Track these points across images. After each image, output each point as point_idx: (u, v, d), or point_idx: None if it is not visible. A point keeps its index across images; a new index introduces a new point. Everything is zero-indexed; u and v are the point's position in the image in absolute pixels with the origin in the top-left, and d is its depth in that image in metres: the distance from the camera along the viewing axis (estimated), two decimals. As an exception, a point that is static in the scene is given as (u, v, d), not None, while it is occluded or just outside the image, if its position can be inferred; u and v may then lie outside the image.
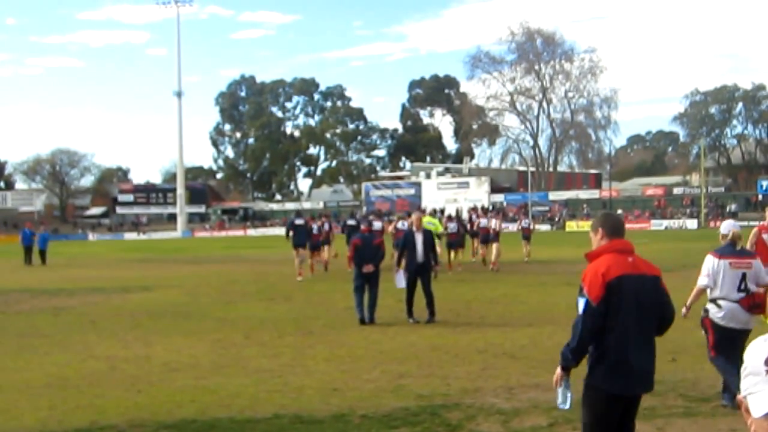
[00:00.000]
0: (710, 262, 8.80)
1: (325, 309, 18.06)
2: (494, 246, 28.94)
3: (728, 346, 8.48)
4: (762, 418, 1.94)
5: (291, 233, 26.67)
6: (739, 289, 8.68)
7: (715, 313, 8.76)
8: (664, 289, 5.55)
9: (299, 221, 27.46)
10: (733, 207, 77.65)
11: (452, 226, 29.99)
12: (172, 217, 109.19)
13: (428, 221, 26.54)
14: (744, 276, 8.70)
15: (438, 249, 16.84)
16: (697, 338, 12.44)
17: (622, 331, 5.32)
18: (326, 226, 29.98)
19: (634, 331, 5.34)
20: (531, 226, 35.51)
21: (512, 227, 57.77)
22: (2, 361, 12.13)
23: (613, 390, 5.38)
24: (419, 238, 16.12)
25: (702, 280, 8.84)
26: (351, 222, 30.15)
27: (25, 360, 12.10)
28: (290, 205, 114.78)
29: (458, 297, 19.82)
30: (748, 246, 13.34)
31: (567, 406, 5.66)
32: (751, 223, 21.11)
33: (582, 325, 5.41)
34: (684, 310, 8.95)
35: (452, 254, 28.88)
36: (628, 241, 5.63)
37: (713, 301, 8.75)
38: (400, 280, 15.87)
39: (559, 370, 5.66)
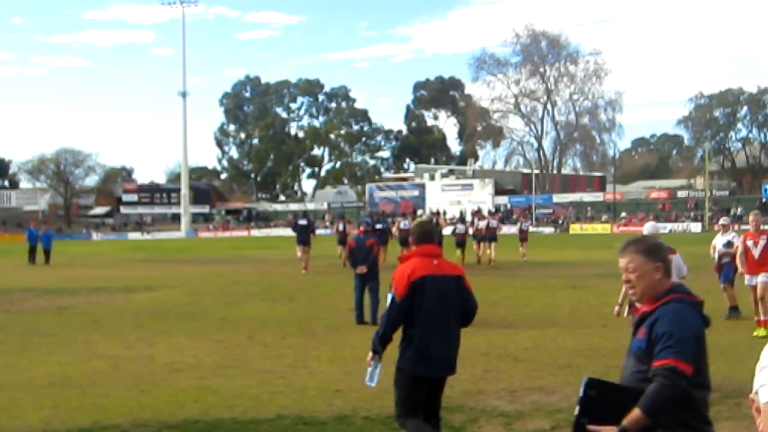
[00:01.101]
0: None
1: (328, 310, 18.06)
2: (492, 245, 32.03)
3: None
4: None
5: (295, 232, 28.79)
6: None
7: (637, 303, 9.39)
8: (467, 286, 6.52)
9: (302, 221, 30.24)
10: (739, 210, 77.53)
11: (460, 228, 33.64)
12: (176, 217, 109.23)
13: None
14: None
15: None
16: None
17: (426, 323, 6.25)
18: (341, 227, 33.16)
19: (437, 323, 6.29)
20: (527, 228, 38.85)
21: (513, 229, 57.86)
22: (5, 360, 12.14)
23: (417, 372, 6.35)
24: None
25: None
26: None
27: (28, 359, 12.11)
28: (294, 206, 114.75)
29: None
30: (738, 256, 13.35)
31: (373, 384, 6.56)
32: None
33: (388, 317, 6.35)
34: (616, 308, 10.13)
35: (459, 253, 31.30)
36: (436, 246, 6.59)
37: None
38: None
39: (370, 353, 6.46)
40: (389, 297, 6.38)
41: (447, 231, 41.73)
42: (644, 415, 3.74)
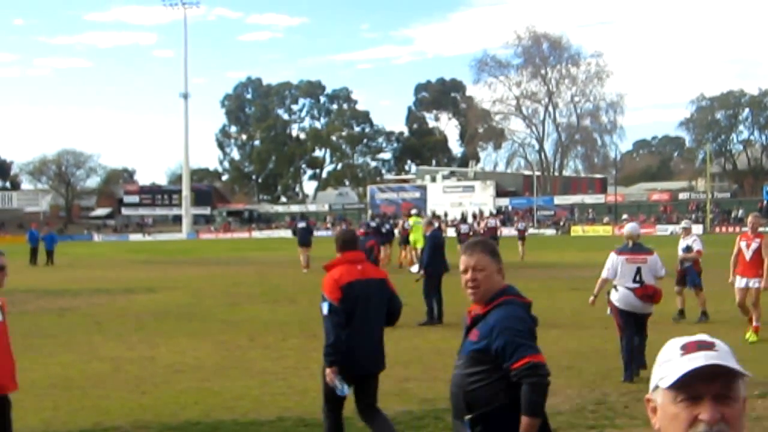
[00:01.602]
0: (611, 258, 10.73)
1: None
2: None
3: (629, 326, 10.45)
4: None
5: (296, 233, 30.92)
6: (634, 280, 10.48)
7: (613, 297, 10.67)
8: (390, 288, 6.92)
9: (302, 224, 32.70)
10: (739, 213, 77.52)
11: (465, 228, 35.91)
12: (178, 219, 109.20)
13: (414, 221, 30.33)
14: (639, 270, 10.52)
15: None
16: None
17: (353, 325, 6.57)
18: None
19: (364, 324, 6.64)
20: (524, 228, 42.13)
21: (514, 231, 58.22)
22: (7, 361, 12.14)
23: (344, 371, 6.57)
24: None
25: (604, 273, 10.75)
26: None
27: (29, 360, 12.10)
28: (295, 208, 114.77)
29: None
30: (732, 257, 13.31)
31: (346, 392, 6.64)
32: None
33: (331, 324, 6.53)
34: (591, 298, 11.16)
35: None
36: (359, 252, 7.02)
37: (615, 286, 10.61)
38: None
39: (328, 369, 6.54)
40: (324, 305, 6.60)
41: (451, 232, 42.56)
42: (532, 419, 3.94)
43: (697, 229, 72.06)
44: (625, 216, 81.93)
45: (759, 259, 13.05)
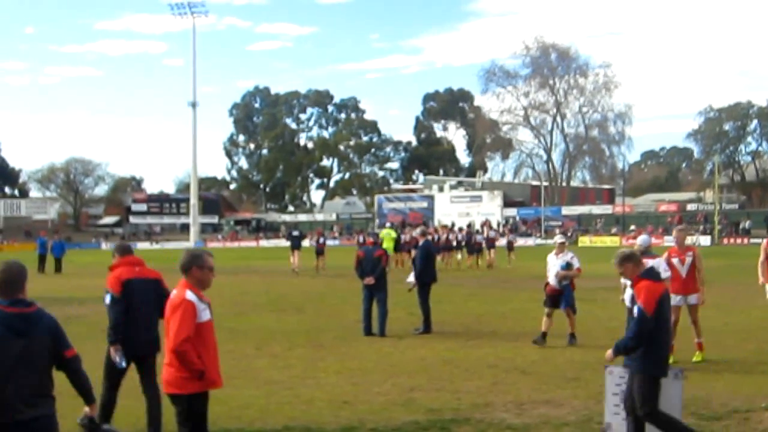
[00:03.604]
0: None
1: (336, 321, 18.06)
2: (491, 252, 41.16)
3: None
4: None
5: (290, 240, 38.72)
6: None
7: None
8: (164, 287, 8.39)
9: (296, 233, 39.72)
10: (747, 224, 77.36)
11: (479, 238, 41.93)
12: (185, 227, 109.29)
13: (386, 233, 35.47)
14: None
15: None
16: (708, 356, 12.39)
17: (131, 314, 8.16)
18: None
19: (140, 314, 8.20)
20: (514, 239, 49.41)
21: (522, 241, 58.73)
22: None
23: (127, 354, 8.25)
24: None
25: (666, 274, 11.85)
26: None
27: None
28: (303, 217, 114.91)
29: (469, 311, 19.81)
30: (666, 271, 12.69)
31: (124, 365, 8.35)
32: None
33: (112, 311, 8.27)
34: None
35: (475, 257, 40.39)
36: (136, 257, 8.75)
37: (625, 287, 11.32)
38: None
39: (111, 347, 8.38)
40: (108, 297, 8.27)
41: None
42: None
43: (705, 240, 71.99)
44: (633, 227, 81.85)
45: (694, 273, 12.62)
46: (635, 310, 7.24)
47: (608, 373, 7.80)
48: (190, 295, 6.69)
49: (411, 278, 16.99)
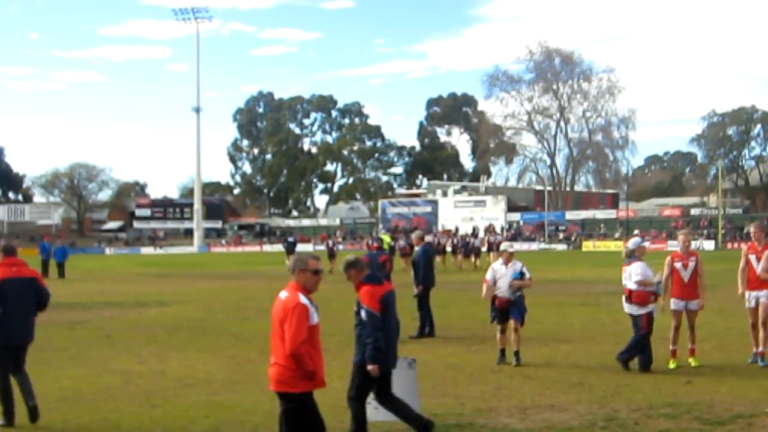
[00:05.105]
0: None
1: (340, 326, 18.00)
2: (490, 255, 40.76)
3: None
4: None
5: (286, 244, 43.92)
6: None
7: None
8: (41, 284, 9.50)
9: (291, 239, 46.03)
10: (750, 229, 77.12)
11: (476, 242, 45.09)
12: (189, 232, 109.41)
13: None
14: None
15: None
16: (712, 360, 12.37)
17: (7, 309, 8.96)
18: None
19: (17, 308, 9.07)
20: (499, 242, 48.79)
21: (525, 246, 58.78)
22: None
23: (3, 342, 9.05)
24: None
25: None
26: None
27: (39, 373, 12.11)
28: (306, 222, 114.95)
29: (473, 316, 19.78)
30: (664, 278, 12.43)
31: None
32: None
33: None
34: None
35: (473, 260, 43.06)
36: (17, 258, 9.51)
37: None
38: None
39: None
40: None
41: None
42: None
43: (709, 245, 71.93)
44: (636, 231, 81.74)
45: (696, 279, 12.36)
46: (362, 313, 8.57)
47: None
48: (303, 298, 6.86)
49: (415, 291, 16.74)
